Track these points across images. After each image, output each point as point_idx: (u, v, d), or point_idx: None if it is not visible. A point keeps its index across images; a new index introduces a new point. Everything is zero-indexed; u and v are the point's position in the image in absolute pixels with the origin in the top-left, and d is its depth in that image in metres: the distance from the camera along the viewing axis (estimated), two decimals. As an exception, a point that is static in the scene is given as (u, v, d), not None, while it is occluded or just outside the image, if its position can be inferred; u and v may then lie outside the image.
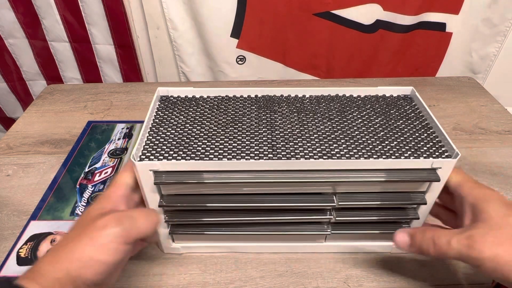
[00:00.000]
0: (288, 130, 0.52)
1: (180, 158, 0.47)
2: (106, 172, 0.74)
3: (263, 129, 0.52)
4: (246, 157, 0.47)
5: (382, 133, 0.51)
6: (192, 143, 0.50)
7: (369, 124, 0.53)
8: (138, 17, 1.11)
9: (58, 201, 0.68)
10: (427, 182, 0.49)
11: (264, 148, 0.49)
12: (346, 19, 1.09)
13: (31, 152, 0.80)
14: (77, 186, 0.71)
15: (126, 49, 1.17)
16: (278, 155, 0.48)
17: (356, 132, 0.52)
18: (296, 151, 0.48)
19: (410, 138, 0.50)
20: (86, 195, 0.70)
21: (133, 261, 0.59)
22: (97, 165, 0.76)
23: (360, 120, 0.54)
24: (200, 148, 0.49)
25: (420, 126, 0.53)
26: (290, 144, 0.49)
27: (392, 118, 0.54)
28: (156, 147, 0.49)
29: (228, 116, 0.55)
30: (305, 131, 0.52)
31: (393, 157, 0.47)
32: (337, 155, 0.48)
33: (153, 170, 0.46)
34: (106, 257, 0.39)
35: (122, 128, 0.86)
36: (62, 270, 0.37)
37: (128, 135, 0.84)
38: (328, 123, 0.53)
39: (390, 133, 0.51)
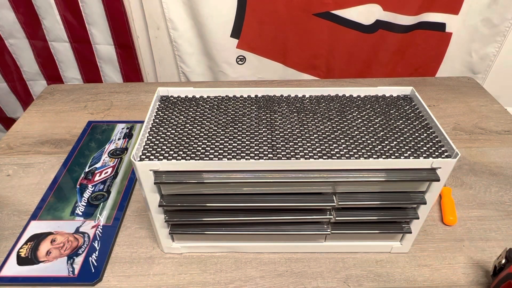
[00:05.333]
0: (288, 130, 0.52)
1: (180, 158, 0.47)
2: (106, 172, 0.74)
3: (263, 129, 0.52)
4: (246, 157, 0.47)
5: (382, 133, 0.52)
6: (192, 143, 0.50)
7: (369, 124, 0.53)
8: (138, 17, 1.11)
9: (58, 201, 0.69)
10: (427, 182, 0.49)
11: (264, 148, 0.49)
12: (346, 19, 1.09)
13: (31, 152, 0.80)
14: (78, 186, 0.71)
15: (126, 49, 1.17)
16: (278, 155, 0.48)
17: (356, 132, 0.52)
18: (296, 151, 0.48)
19: (410, 138, 0.50)
20: (86, 195, 0.70)
21: (133, 261, 0.59)
22: (97, 165, 0.76)
23: (360, 120, 0.54)
24: (200, 148, 0.49)
25: (420, 126, 0.53)
26: (290, 144, 0.50)
27: (392, 118, 0.54)
28: (156, 147, 0.49)
29: (228, 116, 0.55)
30: (305, 131, 0.52)
31: (393, 157, 0.47)
32: (337, 155, 0.48)
33: (153, 170, 0.46)
34: None
35: (122, 128, 0.86)
36: None
37: (128, 135, 0.84)
38: (328, 123, 0.54)
39: (390, 133, 0.51)
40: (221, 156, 0.47)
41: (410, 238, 0.57)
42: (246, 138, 0.51)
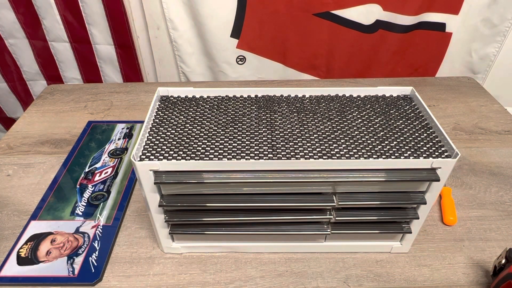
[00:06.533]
0: (288, 130, 0.52)
1: (180, 158, 0.47)
2: (106, 172, 0.74)
3: (263, 129, 0.52)
4: (246, 157, 0.47)
5: (382, 133, 0.52)
6: (192, 143, 0.50)
7: (369, 124, 0.53)
8: (138, 17, 1.11)
9: (58, 201, 0.69)
10: (427, 182, 0.49)
11: (264, 148, 0.49)
12: (346, 19, 1.09)
13: (31, 152, 0.80)
14: (77, 186, 0.71)
15: (126, 49, 1.17)
16: (278, 155, 0.48)
17: (356, 132, 0.52)
18: (296, 151, 0.48)
19: (410, 138, 0.50)
20: (86, 195, 0.70)
21: (133, 261, 0.59)
22: (97, 165, 0.76)
23: (360, 120, 0.54)
24: (200, 148, 0.49)
25: (420, 126, 0.53)
26: (290, 144, 0.50)
27: (392, 118, 0.54)
28: (156, 147, 0.49)
29: (228, 116, 0.55)
30: (305, 131, 0.52)
31: (393, 157, 0.47)
32: (337, 155, 0.48)
33: (153, 170, 0.46)
34: None
35: (122, 128, 0.86)
36: None
37: (128, 135, 0.84)
38: (328, 123, 0.54)
39: (390, 133, 0.51)
40: (221, 156, 0.47)
41: (410, 238, 0.57)
42: (246, 138, 0.51)
